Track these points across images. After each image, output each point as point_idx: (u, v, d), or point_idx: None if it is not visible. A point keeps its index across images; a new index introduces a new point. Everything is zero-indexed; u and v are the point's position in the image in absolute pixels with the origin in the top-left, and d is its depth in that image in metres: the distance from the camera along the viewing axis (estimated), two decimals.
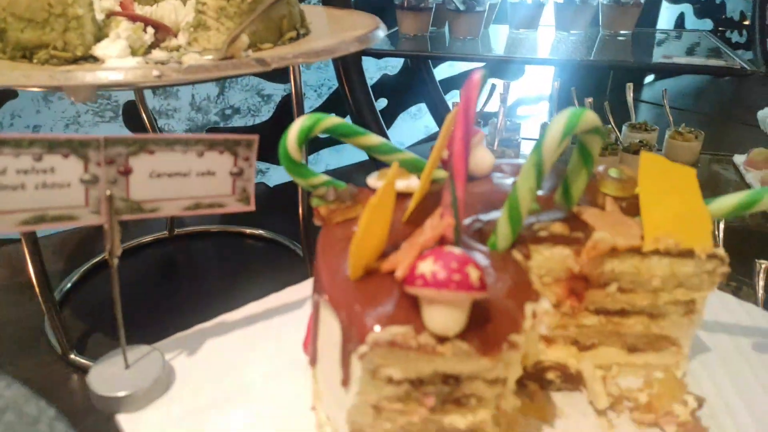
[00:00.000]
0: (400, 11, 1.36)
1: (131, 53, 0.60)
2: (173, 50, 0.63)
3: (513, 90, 1.11)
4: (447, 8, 1.36)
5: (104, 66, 0.56)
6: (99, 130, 1.26)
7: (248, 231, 1.19)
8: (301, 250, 1.04)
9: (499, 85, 1.29)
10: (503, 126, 1.22)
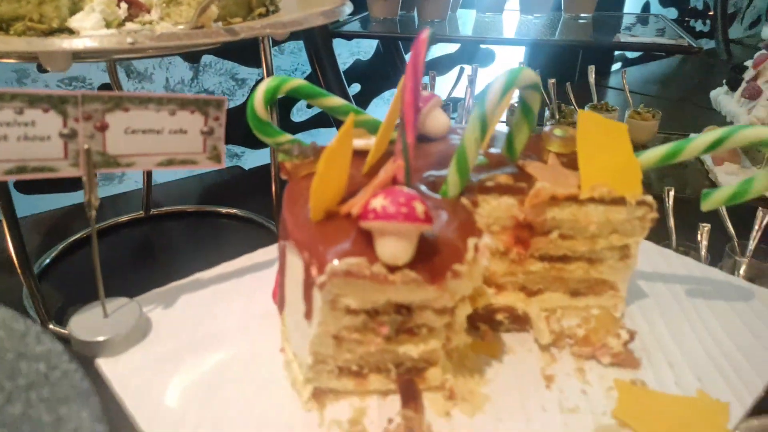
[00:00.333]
0: None
1: (105, 26, 0.63)
2: (146, 24, 0.66)
3: (483, 76, 1.16)
4: None
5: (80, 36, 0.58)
6: None
7: (223, 210, 1.21)
8: (275, 227, 1.07)
9: (468, 70, 1.34)
10: (471, 107, 1.26)
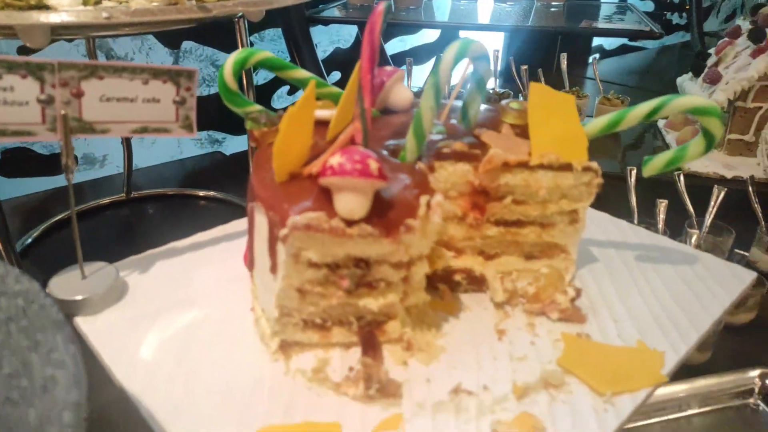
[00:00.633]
0: None
1: (83, 4, 0.65)
2: (122, 3, 0.68)
3: (461, 65, 1.20)
4: None
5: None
6: None
7: (202, 193, 1.24)
8: None
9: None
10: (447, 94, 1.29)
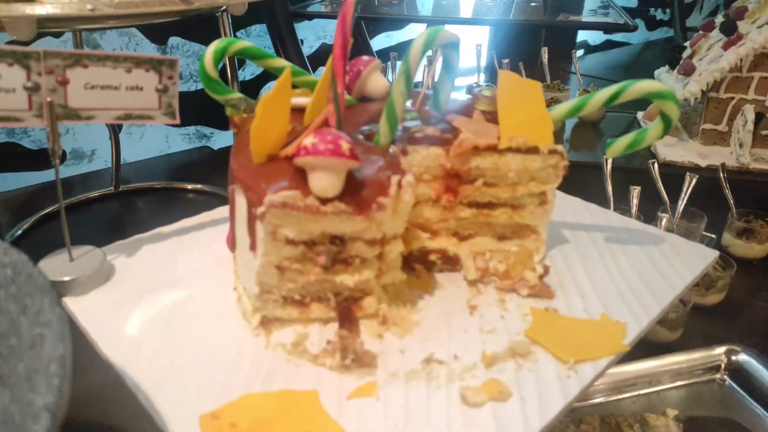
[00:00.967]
0: None
1: None
2: None
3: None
4: None
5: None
6: None
7: (190, 186, 1.25)
8: None
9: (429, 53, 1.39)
10: (429, 87, 1.32)
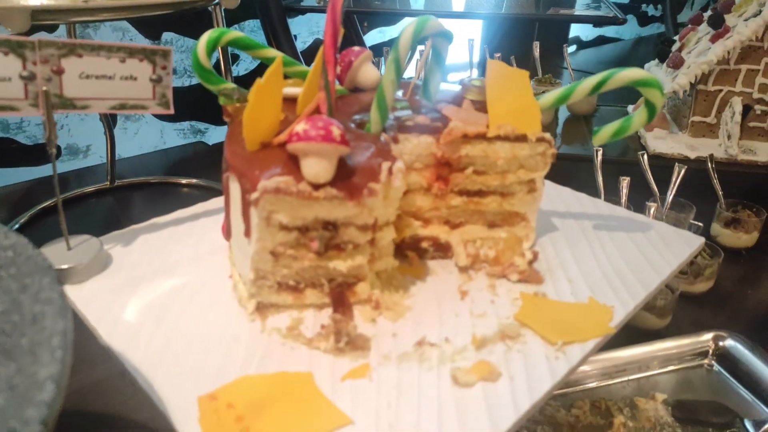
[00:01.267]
0: None
1: None
2: None
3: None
4: None
5: None
6: None
7: (185, 181, 1.26)
8: None
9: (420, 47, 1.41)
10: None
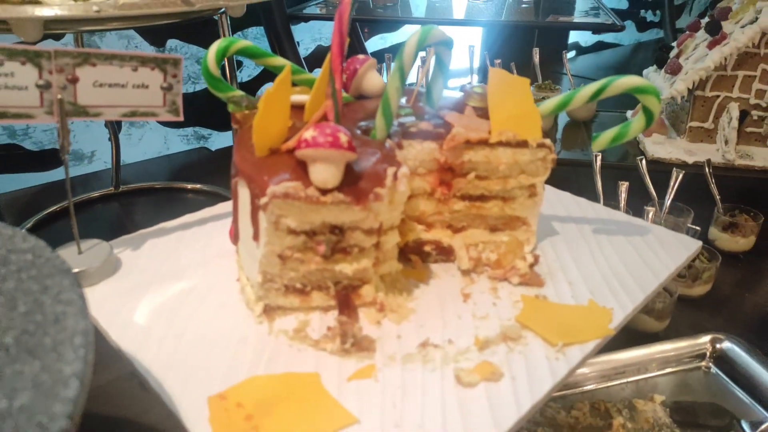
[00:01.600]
0: None
1: (73, 0, 0.69)
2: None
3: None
4: None
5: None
6: None
7: (189, 186, 1.27)
8: None
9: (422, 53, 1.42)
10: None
